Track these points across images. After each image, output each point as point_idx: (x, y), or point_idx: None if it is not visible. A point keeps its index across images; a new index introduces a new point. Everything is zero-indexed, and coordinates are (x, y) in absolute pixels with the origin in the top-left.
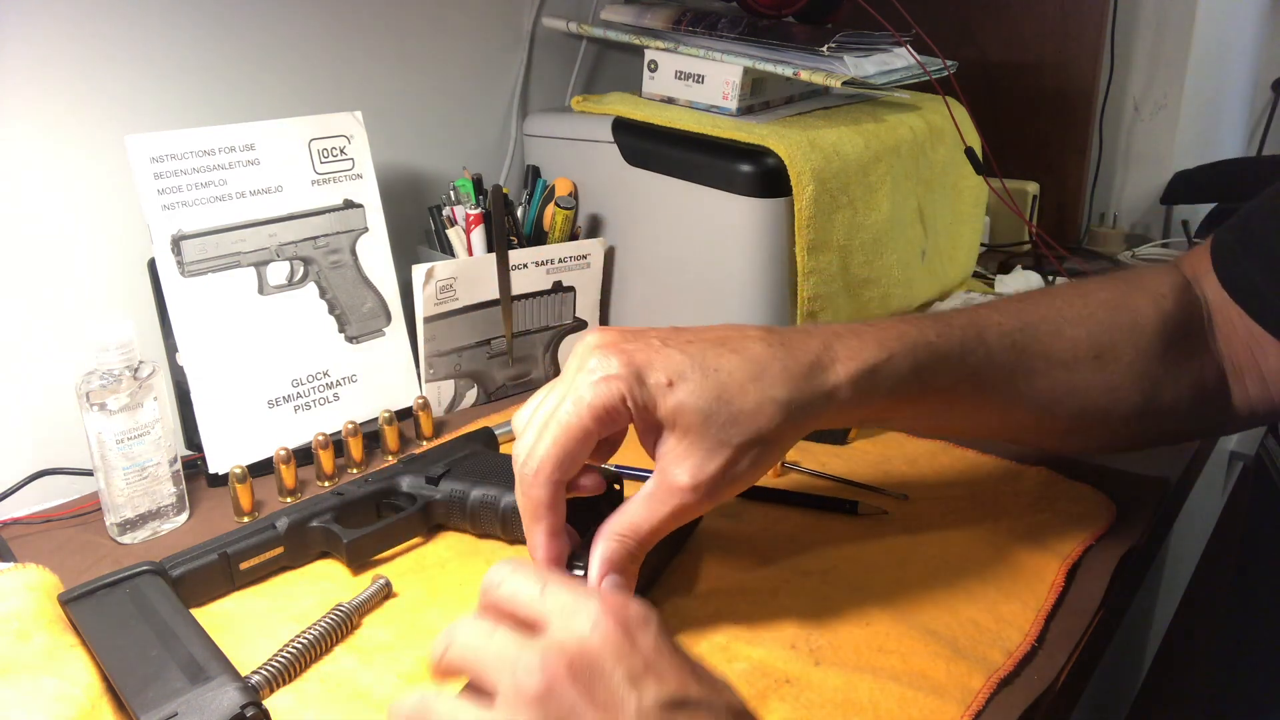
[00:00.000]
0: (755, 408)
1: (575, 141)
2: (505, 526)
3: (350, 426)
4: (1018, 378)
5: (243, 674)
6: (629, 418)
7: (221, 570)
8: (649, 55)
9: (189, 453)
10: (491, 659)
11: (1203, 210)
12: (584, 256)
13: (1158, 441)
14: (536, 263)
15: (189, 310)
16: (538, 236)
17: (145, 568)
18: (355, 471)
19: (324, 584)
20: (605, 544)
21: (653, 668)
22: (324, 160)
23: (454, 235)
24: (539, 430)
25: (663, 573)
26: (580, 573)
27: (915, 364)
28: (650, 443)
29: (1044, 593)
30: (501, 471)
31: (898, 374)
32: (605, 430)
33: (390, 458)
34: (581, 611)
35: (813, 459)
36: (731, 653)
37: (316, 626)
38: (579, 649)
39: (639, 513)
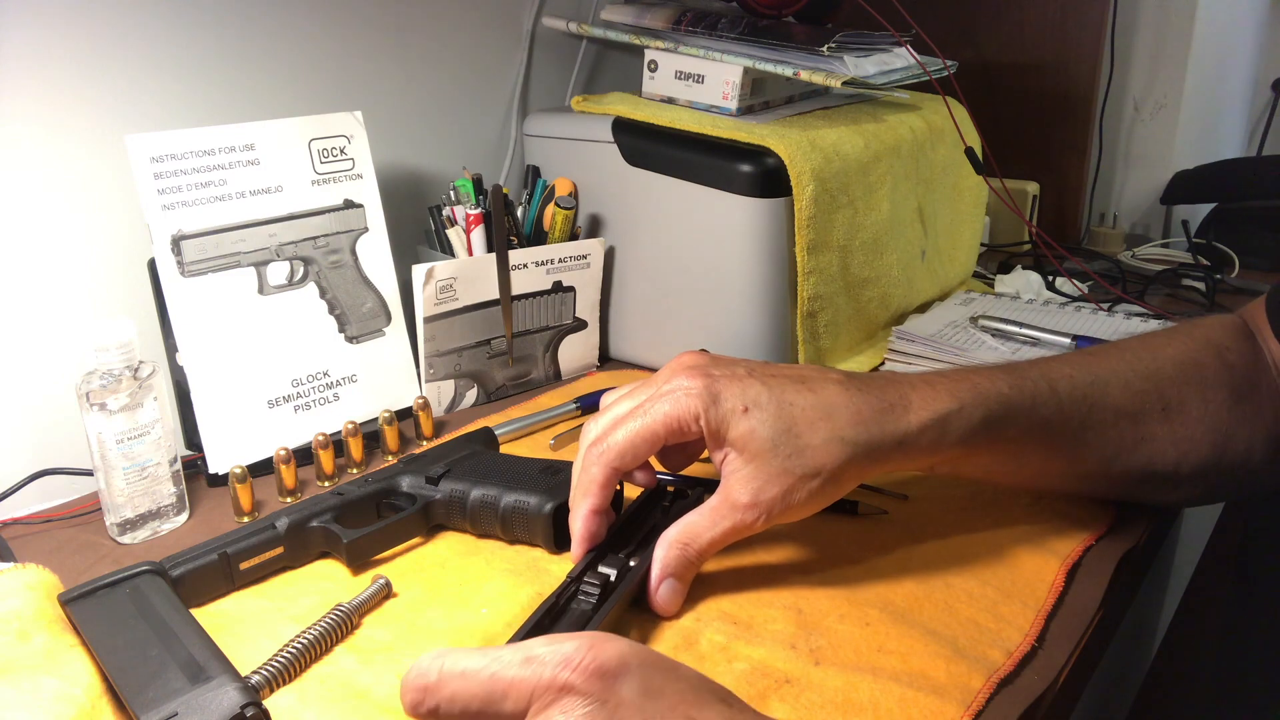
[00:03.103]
0: (822, 444)
1: (575, 141)
2: (505, 526)
3: (350, 426)
4: (1088, 430)
5: (243, 674)
6: (699, 433)
7: (221, 570)
8: (649, 55)
9: (189, 453)
10: None
11: (1203, 210)
12: (584, 256)
13: (1233, 494)
14: (536, 263)
15: (189, 310)
16: (538, 236)
17: (145, 568)
18: (355, 471)
19: (324, 584)
20: (666, 550)
21: (644, 712)
22: (324, 160)
23: (454, 235)
24: (616, 421)
25: None
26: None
27: (987, 414)
28: (720, 461)
29: (1044, 593)
30: (502, 472)
31: (969, 423)
32: (673, 439)
33: (390, 458)
34: (555, 688)
35: None
36: (731, 653)
37: (316, 626)
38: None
39: (700, 524)
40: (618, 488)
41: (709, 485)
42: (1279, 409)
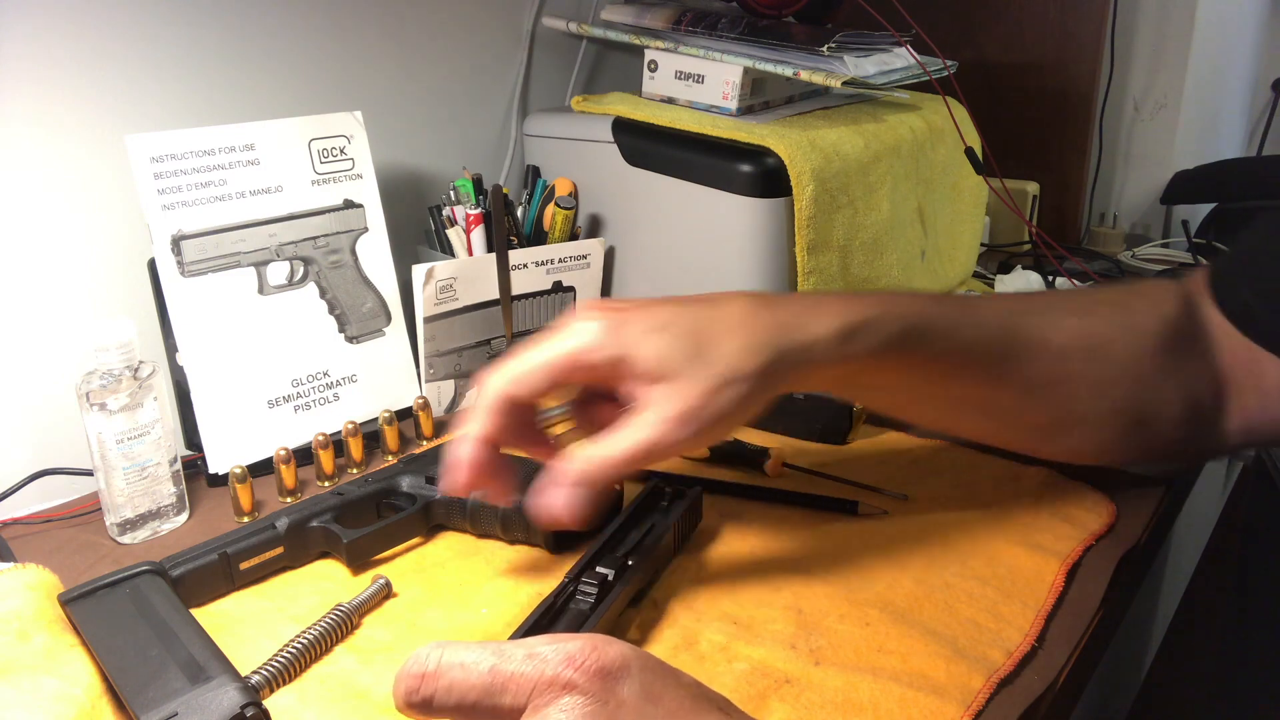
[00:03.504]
0: (735, 350)
1: (575, 141)
2: (505, 526)
3: (350, 426)
4: (1008, 358)
5: (243, 674)
6: (604, 365)
7: (221, 570)
8: (649, 55)
9: (189, 453)
10: None
11: (1203, 210)
12: (584, 256)
13: (1145, 455)
14: (536, 263)
15: (189, 310)
16: (538, 236)
17: (145, 568)
18: (355, 471)
19: (324, 584)
20: (573, 465)
21: (643, 715)
22: (324, 160)
23: (454, 235)
24: (515, 355)
25: (663, 573)
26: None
27: (903, 327)
28: (634, 393)
29: (1044, 593)
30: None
31: (883, 334)
32: (577, 371)
33: (390, 458)
34: (557, 684)
35: (812, 459)
36: (731, 653)
37: (316, 626)
38: None
39: (619, 441)
40: (617, 488)
41: (708, 485)
42: (1202, 376)
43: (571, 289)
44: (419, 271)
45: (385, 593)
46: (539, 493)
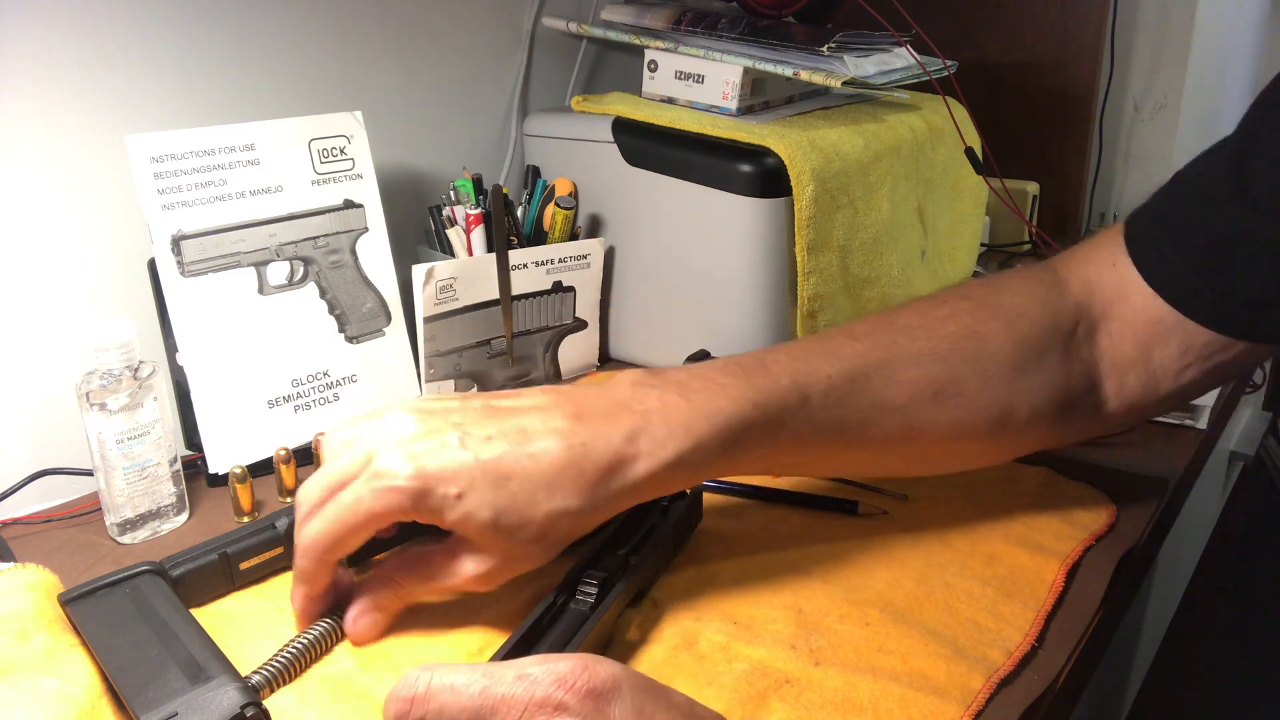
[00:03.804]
0: (544, 519)
1: (575, 141)
2: None
3: None
4: (847, 429)
5: (243, 674)
6: (407, 518)
7: (221, 570)
8: (649, 55)
9: (189, 453)
10: None
11: None
12: (584, 256)
13: (1013, 456)
14: (536, 263)
15: (189, 310)
16: (538, 236)
17: (145, 568)
18: None
19: None
20: (380, 585)
21: None
22: (324, 160)
23: (454, 235)
24: (331, 488)
25: (663, 573)
26: None
27: (725, 443)
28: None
29: (1044, 593)
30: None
31: (706, 456)
32: (380, 528)
33: None
34: (548, 705)
35: None
36: (731, 653)
37: (317, 626)
38: None
39: (421, 574)
40: None
41: (708, 485)
42: (1071, 366)
43: (571, 289)
44: (419, 271)
45: None
46: (354, 618)
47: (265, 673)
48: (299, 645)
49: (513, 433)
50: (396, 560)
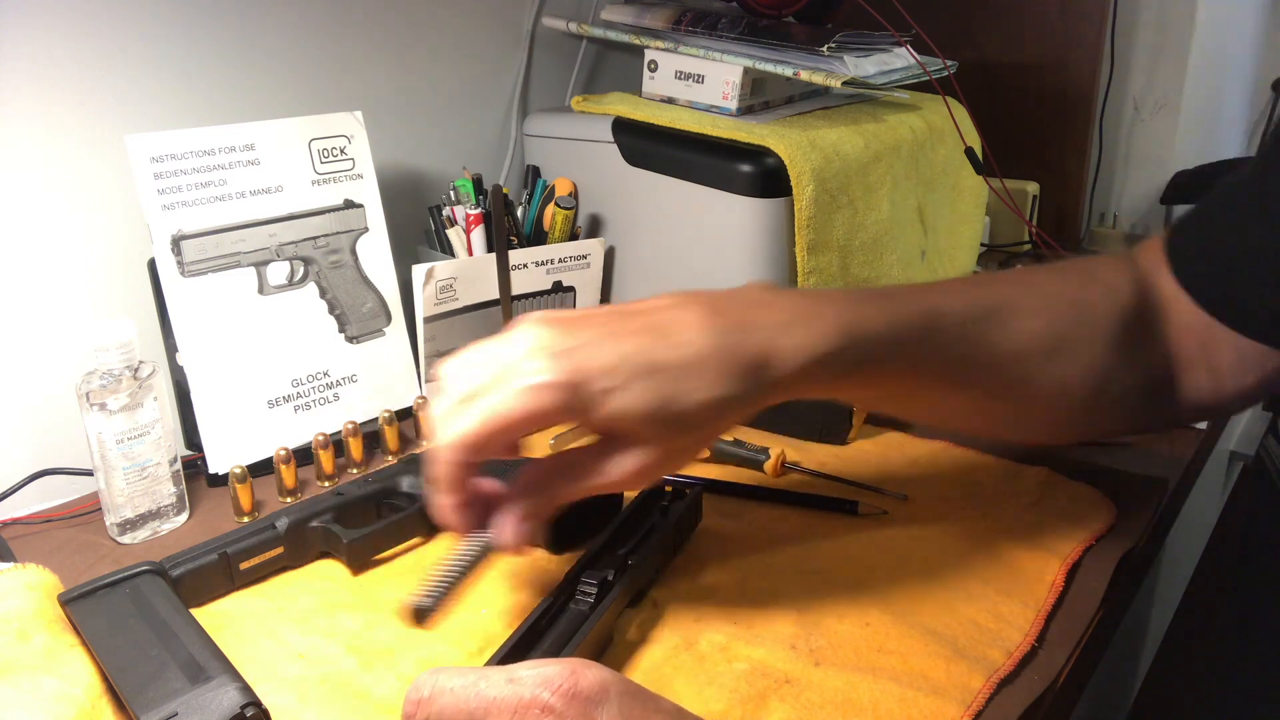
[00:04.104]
0: (697, 409)
1: (575, 141)
2: None
3: (350, 426)
4: (967, 365)
5: (243, 675)
6: (558, 421)
7: (221, 570)
8: (649, 55)
9: (189, 453)
10: None
11: None
12: (584, 256)
13: (1105, 434)
14: (536, 263)
15: (189, 310)
16: (538, 236)
17: (145, 568)
18: (355, 471)
19: (324, 584)
20: (533, 495)
21: None
22: (324, 160)
23: (454, 235)
24: (465, 401)
25: (663, 573)
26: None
27: (860, 356)
28: (589, 431)
29: (1044, 593)
30: (501, 471)
31: (843, 364)
32: (530, 431)
33: (390, 458)
34: (535, 706)
35: (813, 459)
36: (731, 653)
37: (472, 543)
38: None
39: (571, 476)
40: None
41: (708, 484)
42: (1156, 352)
43: (571, 289)
44: (419, 271)
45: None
46: (505, 526)
47: (430, 598)
48: (460, 565)
49: (653, 328)
50: (543, 465)
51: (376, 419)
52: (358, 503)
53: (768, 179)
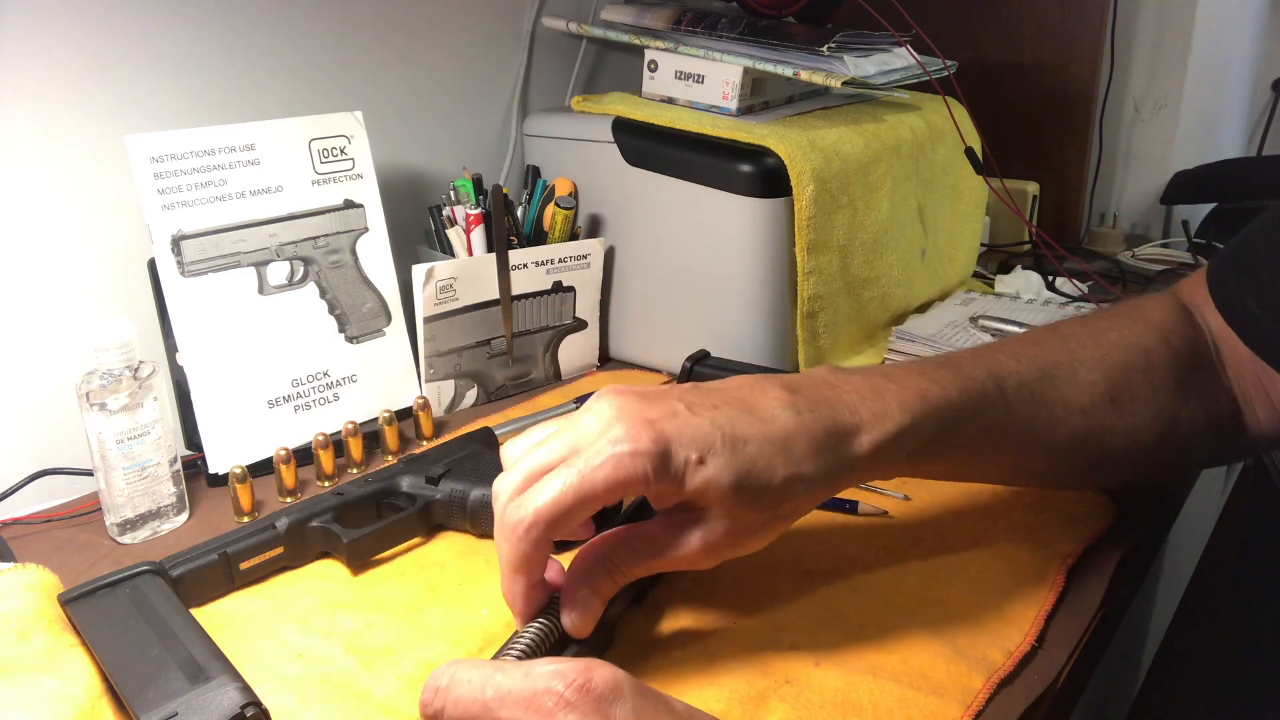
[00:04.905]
0: (781, 484)
1: (575, 141)
2: None
3: (350, 426)
4: (1036, 427)
5: (243, 674)
6: (641, 491)
7: (221, 570)
8: (649, 55)
9: (189, 453)
10: None
11: (1203, 210)
12: (584, 256)
13: (1177, 473)
14: (536, 263)
15: (189, 310)
16: (538, 236)
17: (145, 568)
18: (355, 471)
19: (324, 584)
20: (594, 565)
21: None
22: (324, 160)
23: (454, 235)
24: (535, 475)
25: (662, 573)
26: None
27: (938, 426)
28: (666, 503)
29: (1044, 593)
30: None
31: (920, 438)
32: (613, 501)
33: (390, 458)
34: (549, 697)
35: None
36: (731, 653)
37: (533, 627)
38: None
39: (641, 553)
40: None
41: None
42: (1218, 388)
43: (571, 289)
44: (419, 271)
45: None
46: (572, 606)
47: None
48: (523, 649)
49: (737, 402)
50: (609, 541)
51: (376, 419)
52: (358, 503)
53: (768, 179)
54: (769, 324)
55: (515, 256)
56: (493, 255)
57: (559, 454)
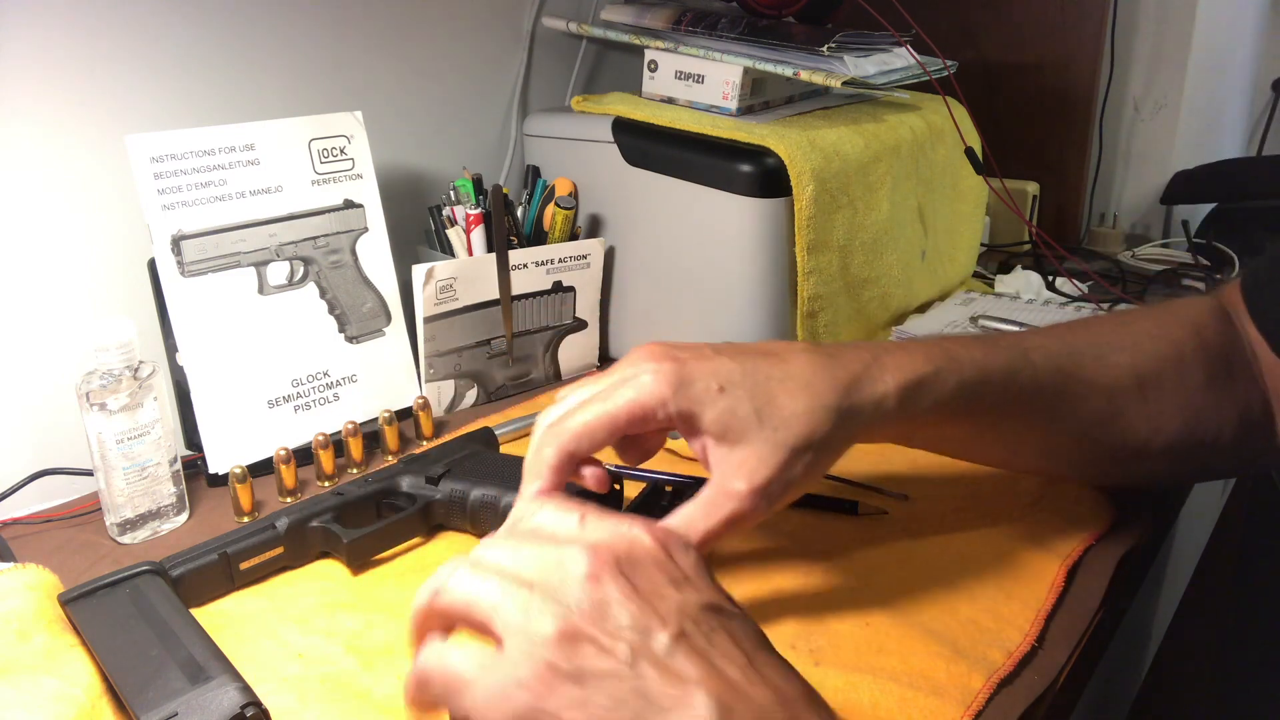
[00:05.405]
0: (806, 411)
1: (575, 141)
2: None
3: (350, 426)
4: (1062, 402)
5: (243, 674)
6: (665, 421)
7: (221, 570)
8: (649, 55)
9: (189, 453)
10: (533, 560)
11: (1203, 210)
12: (584, 256)
13: (1198, 476)
14: (536, 263)
15: (189, 310)
16: (538, 236)
17: (145, 568)
18: (355, 471)
19: (324, 584)
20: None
21: (692, 581)
22: (324, 160)
23: (454, 235)
24: (574, 406)
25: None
26: None
27: (961, 381)
28: (702, 452)
29: (1044, 593)
30: (501, 472)
31: (944, 389)
32: (635, 426)
33: (390, 458)
34: (624, 527)
35: None
36: None
37: None
38: (627, 549)
39: (694, 515)
40: (616, 487)
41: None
42: (1251, 392)
43: (571, 289)
44: (419, 271)
45: None
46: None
47: None
48: None
49: (761, 351)
50: (662, 526)
51: (376, 419)
52: (358, 503)
53: (768, 179)
54: (769, 324)
55: (515, 256)
56: (493, 255)
57: (599, 387)
